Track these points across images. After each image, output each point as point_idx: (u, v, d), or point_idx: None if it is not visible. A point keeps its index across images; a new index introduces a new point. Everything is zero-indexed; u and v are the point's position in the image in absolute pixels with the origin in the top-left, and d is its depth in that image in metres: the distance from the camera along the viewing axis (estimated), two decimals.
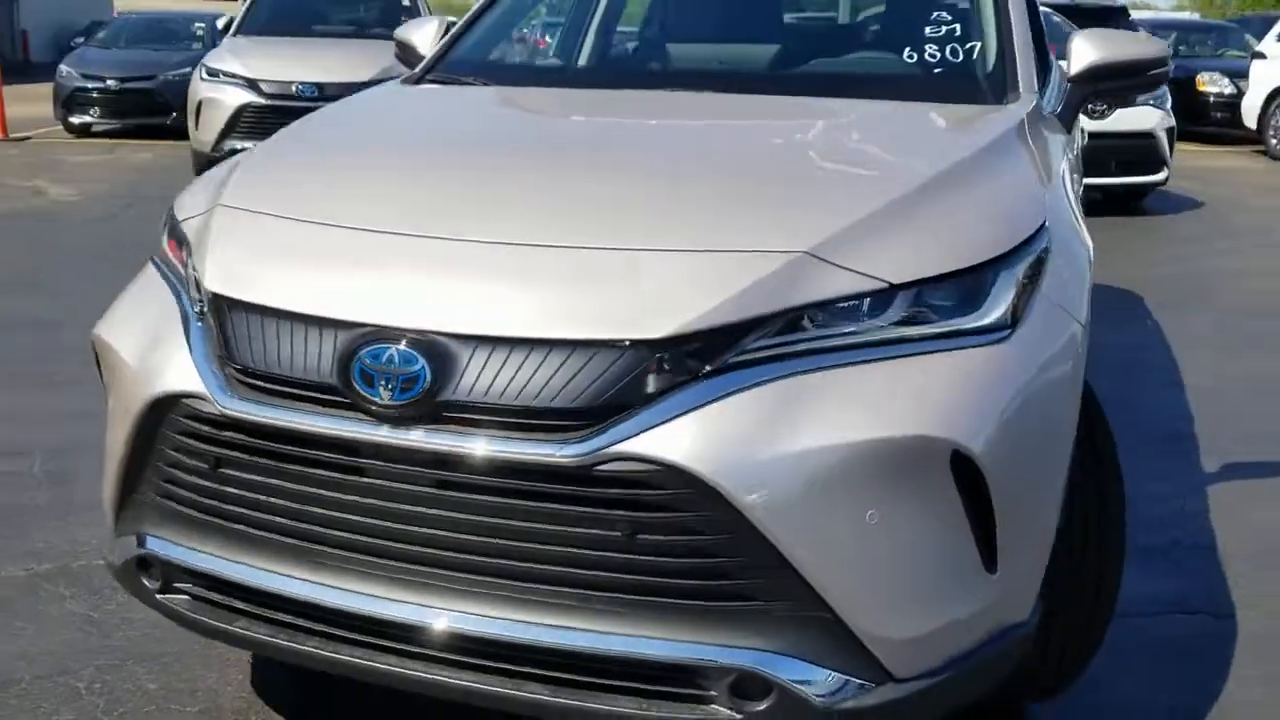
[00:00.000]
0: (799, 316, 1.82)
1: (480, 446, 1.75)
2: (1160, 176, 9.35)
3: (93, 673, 2.59)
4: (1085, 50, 2.91)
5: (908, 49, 2.94)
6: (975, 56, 2.90)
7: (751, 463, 1.72)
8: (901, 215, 1.99)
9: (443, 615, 1.85)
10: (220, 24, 13.17)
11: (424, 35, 3.40)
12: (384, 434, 1.79)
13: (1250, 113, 13.38)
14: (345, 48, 9.71)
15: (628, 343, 1.74)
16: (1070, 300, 2.11)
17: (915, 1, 3.11)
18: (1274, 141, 13.16)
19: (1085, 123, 8.95)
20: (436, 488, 1.80)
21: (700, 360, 1.76)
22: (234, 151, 7.05)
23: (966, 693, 1.98)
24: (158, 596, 2.12)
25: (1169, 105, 9.56)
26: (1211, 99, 14.25)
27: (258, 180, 2.28)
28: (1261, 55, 13.62)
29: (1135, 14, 16.53)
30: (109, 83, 12.88)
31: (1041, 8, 10.10)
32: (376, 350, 1.78)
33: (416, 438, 1.77)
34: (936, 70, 2.89)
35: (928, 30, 2.97)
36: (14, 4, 29.25)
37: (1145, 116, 9.10)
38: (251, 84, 8.99)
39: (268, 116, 8.69)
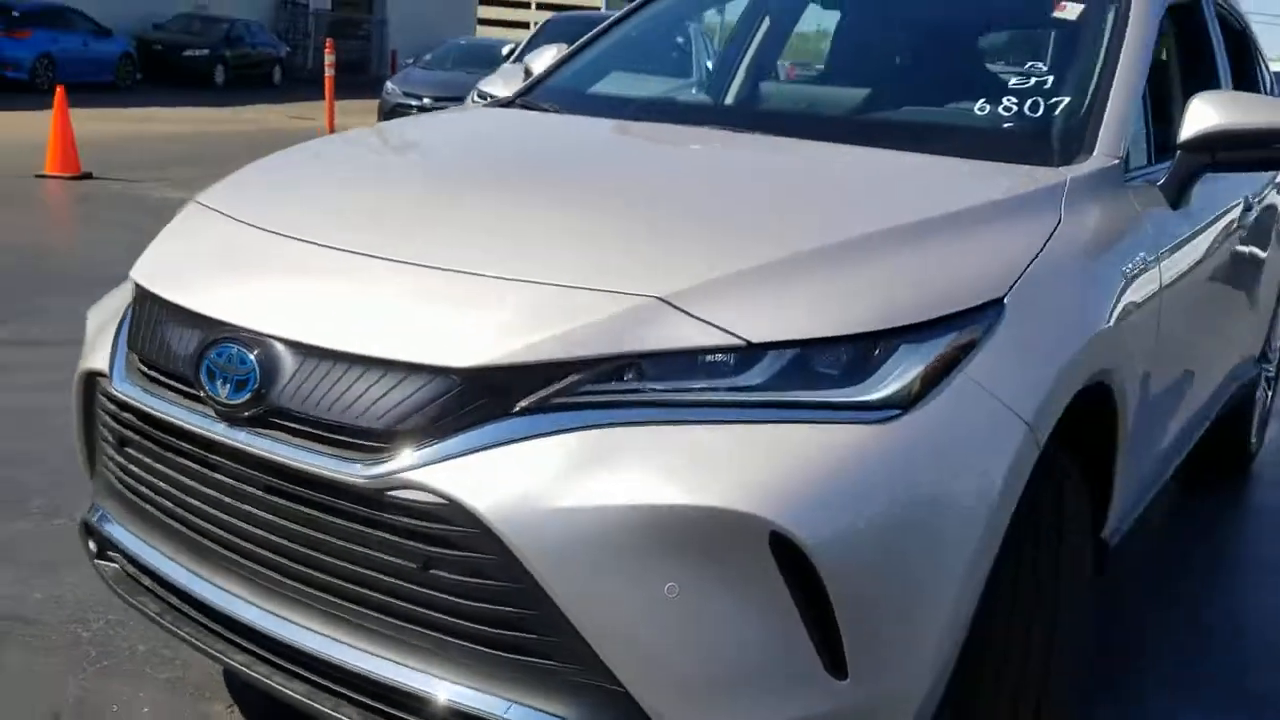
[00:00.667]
0: (634, 364, 1.69)
1: (290, 455, 1.75)
2: None
3: (102, 625, 2.79)
4: (1204, 114, 2.55)
5: (984, 100, 2.68)
6: (1057, 112, 2.60)
7: (540, 512, 1.61)
8: (800, 270, 1.81)
9: (278, 622, 1.86)
10: (505, 50, 13.94)
11: (540, 62, 3.48)
12: (220, 431, 1.82)
13: None
14: None
15: (435, 369, 1.68)
16: (1017, 393, 1.83)
17: (1015, 53, 2.83)
18: None
19: None
20: (263, 490, 1.81)
21: (511, 396, 1.67)
22: None
23: None
24: (94, 561, 2.25)
25: None
26: None
27: (242, 181, 2.39)
28: None
29: None
30: (424, 100, 13.95)
31: None
32: (223, 348, 1.81)
33: (243, 439, 1.80)
34: (1006, 124, 2.62)
35: (1014, 81, 2.71)
36: (385, 26, 32.35)
37: None
38: None
39: None
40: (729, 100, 3.59)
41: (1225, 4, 3.90)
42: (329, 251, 1.91)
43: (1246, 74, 4.17)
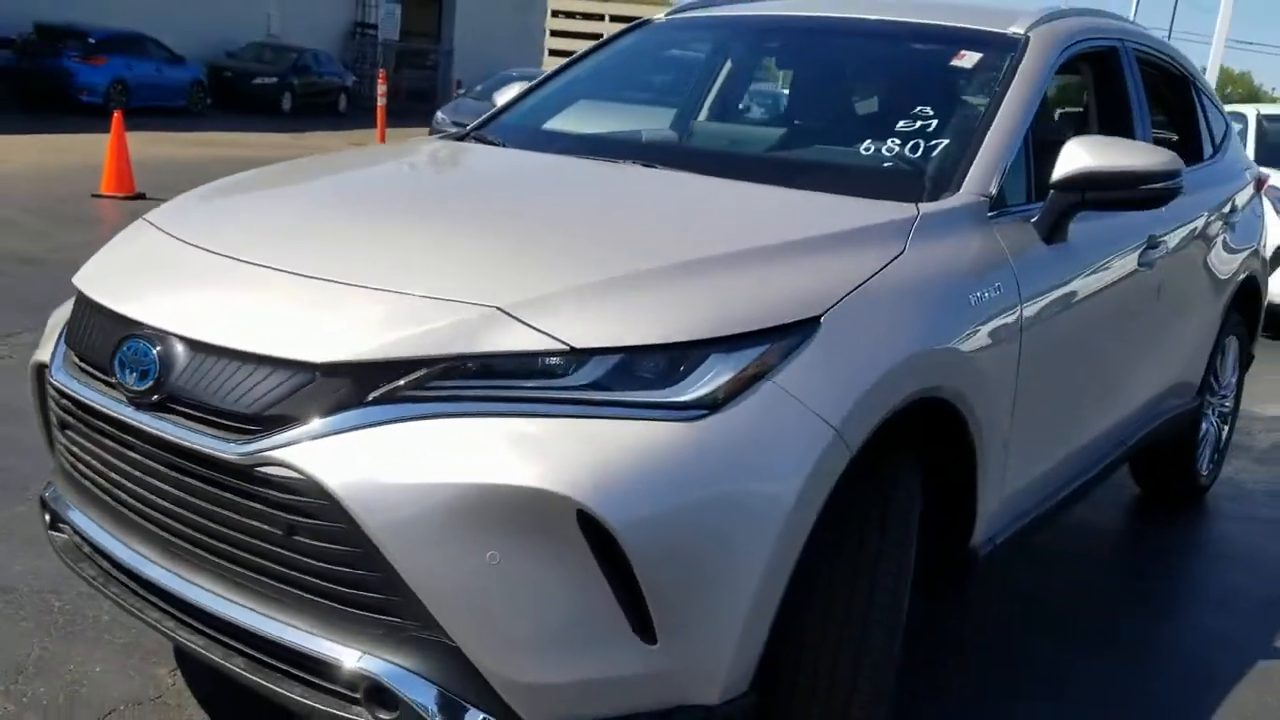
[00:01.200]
0: (474, 364, 1.96)
1: (182, 435, 2.04)
2: None
3: (73, 596, 3.11)
4: (1075, 156, 2.78)
5: (871, 142, 2.93)
6: (934, 154, 2.84)
7: (383, 488, 1.87)
8: (630, 287, 2.07)
9: (179, 582, 2.15)
10: None
11: (504, 97, 3.82)
12: (129, 414, 2.12)
13: None
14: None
15: (299, 363, 1.96)
16: (825, 400, 2.06)
17: (906, 100, 3.07)
18: None
19: None
20: (164, 465, 2.10)
21: (362, 388, 1.94)
22: None
23: None
24: (49, 532, 2.56)
25: None
26: None
27: (185, 200, 2.72)
28: None
29: None
30: None
31: None
32: (131, 342, 2.12)
33: (146, 420, 2.09)
34: (886, 164, 2.87)
35: (901, 124, 2.95)
36: (451, 56, 33.21)
37: None
38: None
39: None
40: (689, 138, 3.87)
41: (1161, 52, 4.10)
42: (229, 261, 2.22)
43: (1187, 118, 4.36)
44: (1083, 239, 2.99)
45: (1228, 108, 11.58)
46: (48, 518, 2.56)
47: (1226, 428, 4.89)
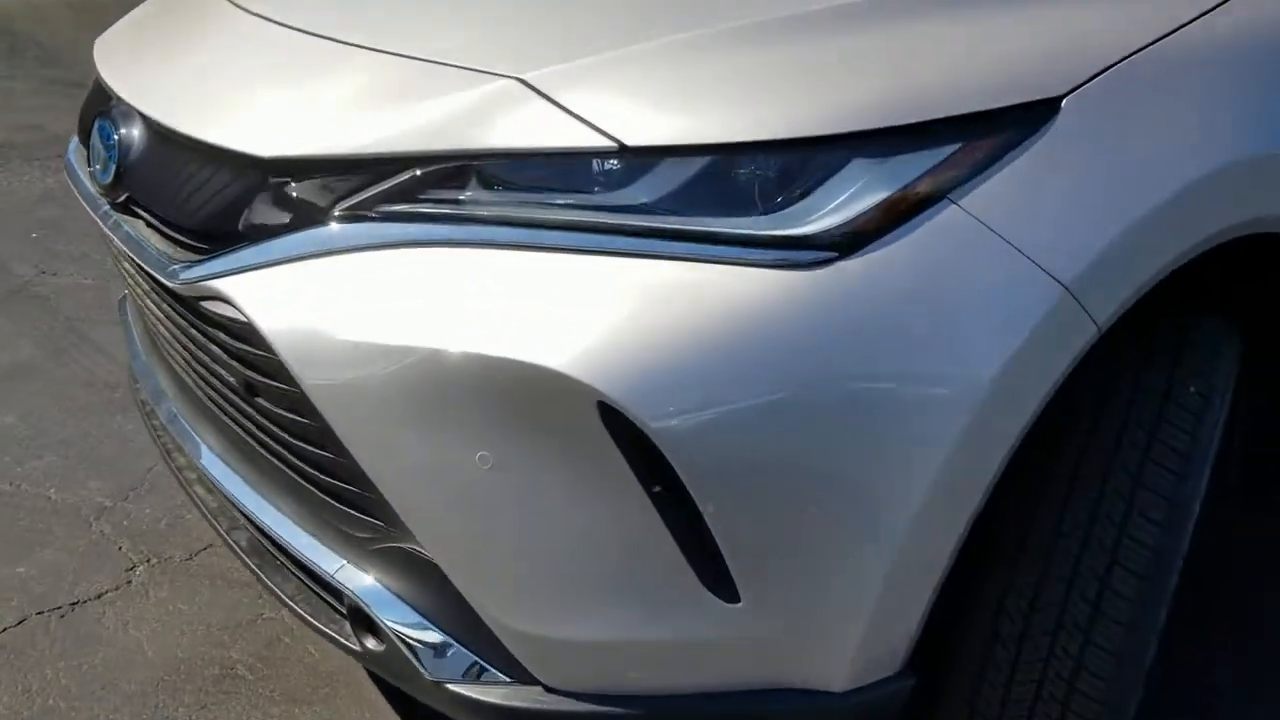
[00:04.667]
0: (478, 165, 1.29)
1: (138, 249, 1.53)
2: None
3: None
4: None
5: None
6: None
7: (332, 342, 1.27)
8: (724, 51, 1.30)
9: (190, 433, 1.72)
10: None
11: None
12: (103, 215, 1.64)
13: None
14: None
15: (243, 157, 1.36)
16: (1057, 242, 1.23)
17: None
18: None
19: None
20: (148, 285, 1.61)
21: (323, 198, 1.33)
22: None
23: None
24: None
25: None
26: None
27: None
28: None
29: None
30: None
31: None
32: (101, 121, 1.60)
33: (112, 225, 1.60)
34: None
35: None
36: None
37: None
38: None
39: None
40: None
41: None
42: (238, 12, 1.63)
43: None
44: None
45: None
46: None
47: None
